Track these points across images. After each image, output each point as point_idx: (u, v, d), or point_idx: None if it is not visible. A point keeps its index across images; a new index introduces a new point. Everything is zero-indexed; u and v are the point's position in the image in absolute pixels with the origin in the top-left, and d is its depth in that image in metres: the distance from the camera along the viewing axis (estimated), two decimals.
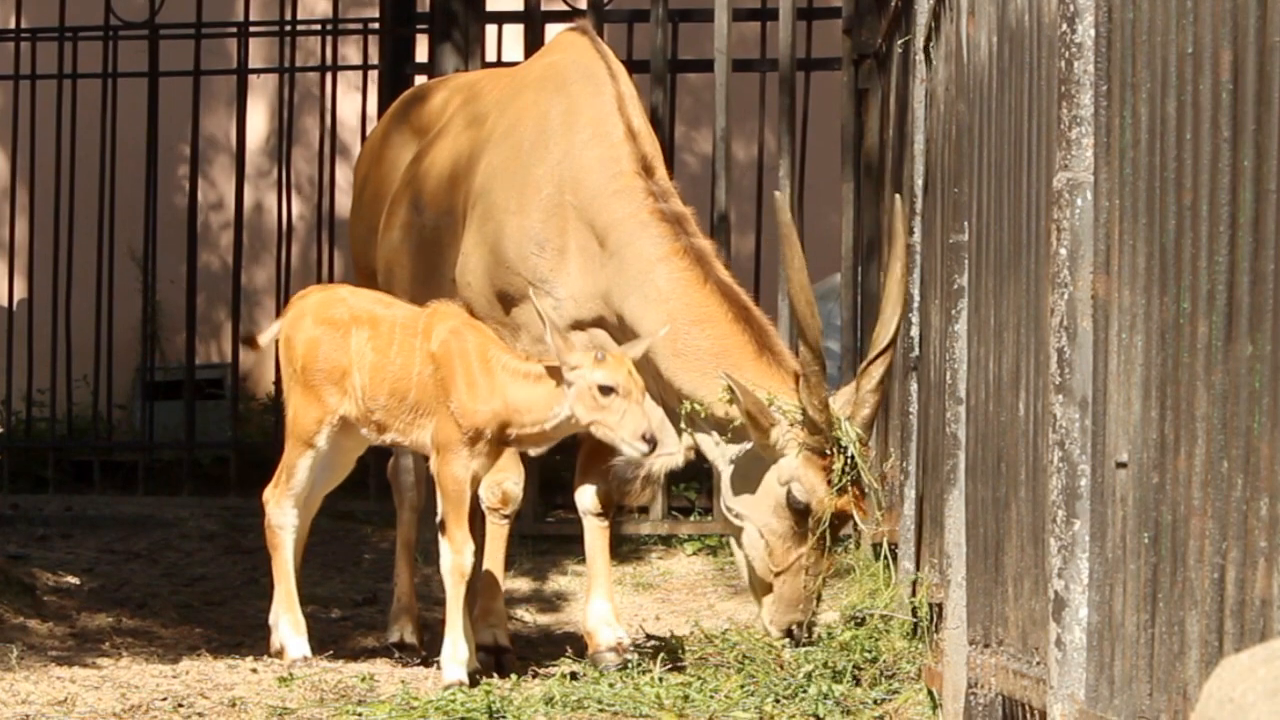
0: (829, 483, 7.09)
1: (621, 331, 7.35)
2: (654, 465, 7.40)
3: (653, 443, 6.78)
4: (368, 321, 7.26)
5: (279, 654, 7.42)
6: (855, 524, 7.33)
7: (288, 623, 7.42)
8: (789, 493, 7.14)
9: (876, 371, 7.27)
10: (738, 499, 7.26)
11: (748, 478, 7.24)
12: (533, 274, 7.47)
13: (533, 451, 7.12)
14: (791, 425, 7.13)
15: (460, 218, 7.74)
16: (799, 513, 7.14)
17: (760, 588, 7.28)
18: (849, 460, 7.11)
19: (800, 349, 7.12)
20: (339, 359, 7.26)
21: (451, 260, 7.73)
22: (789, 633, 7.18)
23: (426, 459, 7.19)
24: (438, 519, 7.06)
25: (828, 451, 7.11)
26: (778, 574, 7.19)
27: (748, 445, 7.21)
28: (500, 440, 7.01)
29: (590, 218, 7.44)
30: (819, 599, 7.26)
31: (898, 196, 7.57)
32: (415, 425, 7.12)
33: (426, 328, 7.13)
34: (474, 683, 6.93)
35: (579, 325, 7.46)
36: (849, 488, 7.11)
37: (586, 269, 7.45)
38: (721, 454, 7.30)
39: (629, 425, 6.78)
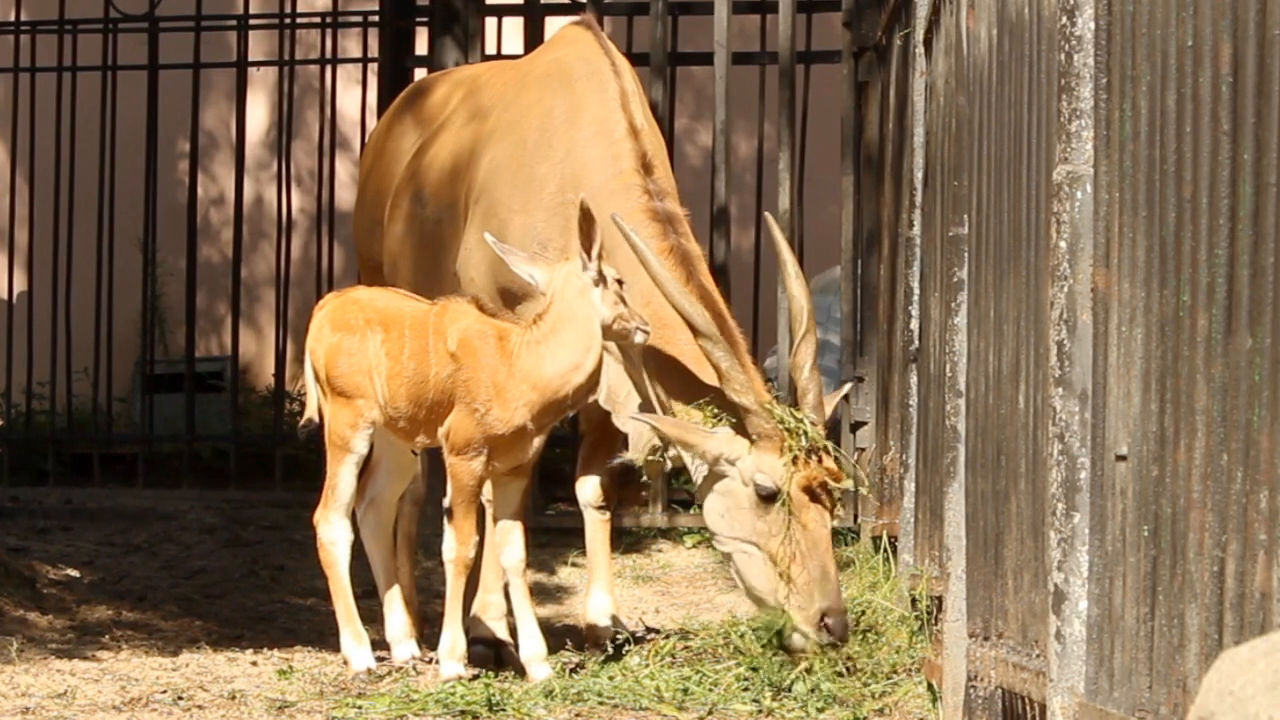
0: (786, 456, 6.96)
1: None
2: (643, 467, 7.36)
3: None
4: (380, 324, 7.15)
5: (345, 663, 7.30)
6: (840, 493, 7.16)
7: (349, 635, 7.24)
8: (756, 486, 7.02)
9: (804, 357, 7.12)
10: (720, 525, 7.09)
11: (720, 502, 7.09)
12: None
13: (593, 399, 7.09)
14: (729, 424, 7.02)
15: (462, 212, 7.73)
16: (771, 499, 6.99)
17: (779, 595, 7.01)
18: (801, 435, 6.97)
19: (698, 342, 7.01)
20: (359, 362, 7.14)
21: (453, 253, 7.72)
22: (825, 627, 6.88)
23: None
24: (446, 505, 7.03)
25: (773, 433, 6.98)
26: (785, 574, 7.02)
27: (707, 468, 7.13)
28: (557, 411, 6.95)
29: None
30: (837, 581, 7.07)
31: (769, 216, 7.54)
32: (439, 424, 7.02)
33: (438, 326, 7.02)
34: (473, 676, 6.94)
35: None
36: (810, 457, 6.97)
37: None
38: (697, 470, 7.21)
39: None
